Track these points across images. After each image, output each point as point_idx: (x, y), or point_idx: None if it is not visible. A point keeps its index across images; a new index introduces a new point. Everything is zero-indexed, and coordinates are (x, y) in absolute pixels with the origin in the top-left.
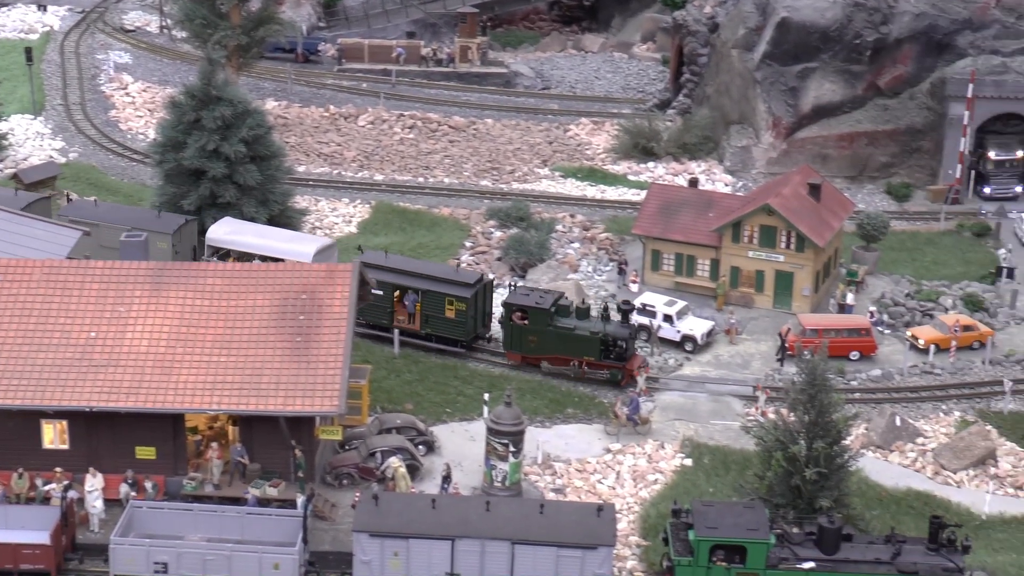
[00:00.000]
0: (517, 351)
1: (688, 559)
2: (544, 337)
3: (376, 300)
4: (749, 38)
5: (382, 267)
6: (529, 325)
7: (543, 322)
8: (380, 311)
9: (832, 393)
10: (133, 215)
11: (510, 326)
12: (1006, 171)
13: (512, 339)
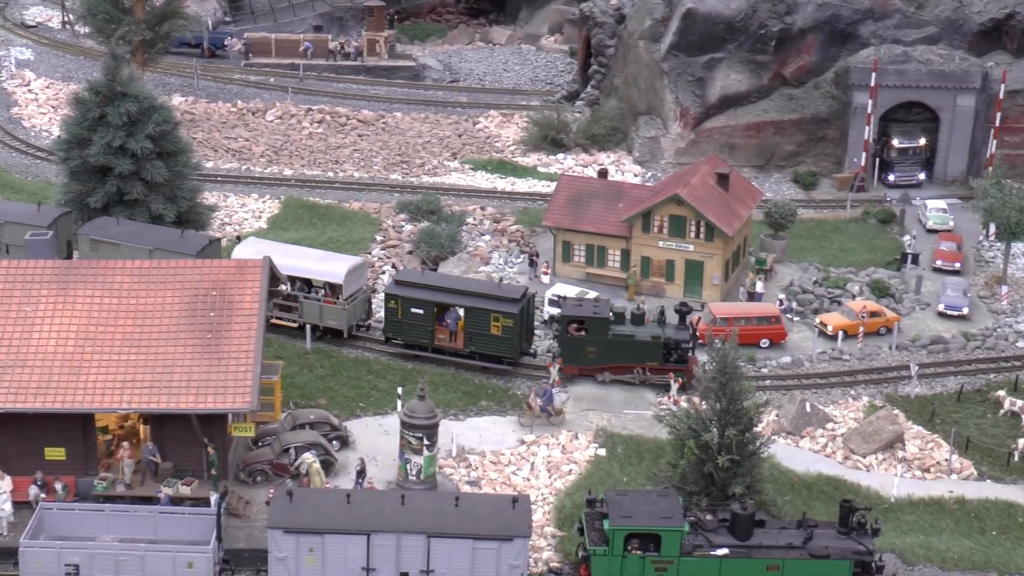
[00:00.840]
0: (574, 363)
1: (603, 548)
2: (604, 347)
3: (415, 319)
4: (656, 29)
5: (420, 285)
6: (587, 336)
7: (602, 331)
8: (420, 331)
9: (743, 381)
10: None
11: (567, 339)
12: (909, 158)
13: (569, 351)
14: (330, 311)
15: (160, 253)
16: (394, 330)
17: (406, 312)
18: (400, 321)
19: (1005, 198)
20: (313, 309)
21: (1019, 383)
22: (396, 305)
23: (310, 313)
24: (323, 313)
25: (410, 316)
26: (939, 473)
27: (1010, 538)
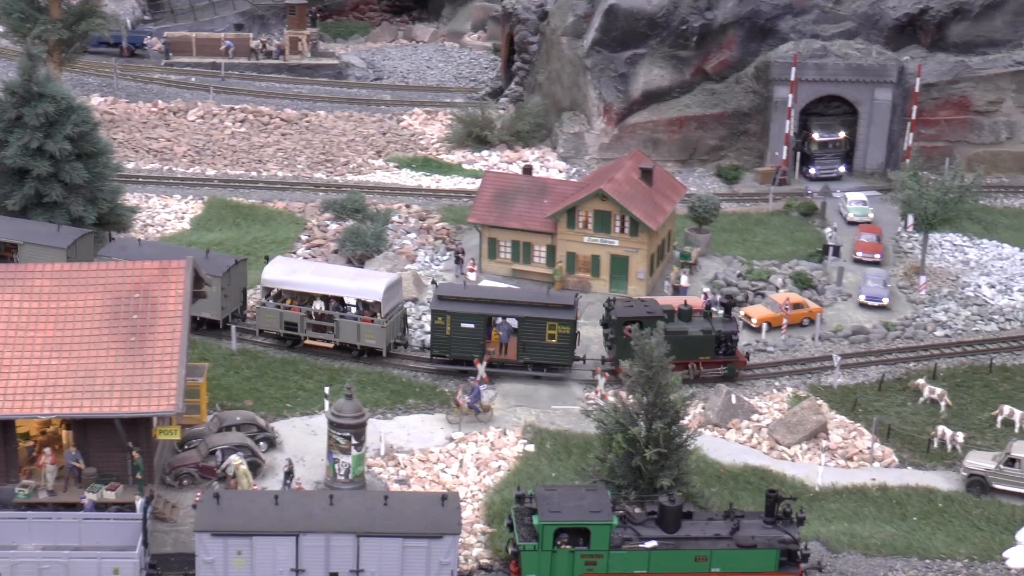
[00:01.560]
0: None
1: (533, 544)
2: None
3: (465, 334)
4: (578, 25)
5: (466, 299)
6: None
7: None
8: (471, 345)
9: (669, 374)
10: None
11: (623, 340)
12: (830, 152)
13: (625, 352)
14: (368, 329)
15: None
16: (442, 347)
17: (455, 328)
18: (448, 338)
19: (922, 189)
20: (350, 328)
21: (938, 371)
22: (444, 321)
23: (347, 332)
24: (361, 332)
25: (460, 331)
26: (862, 461)
27: (930, 523)
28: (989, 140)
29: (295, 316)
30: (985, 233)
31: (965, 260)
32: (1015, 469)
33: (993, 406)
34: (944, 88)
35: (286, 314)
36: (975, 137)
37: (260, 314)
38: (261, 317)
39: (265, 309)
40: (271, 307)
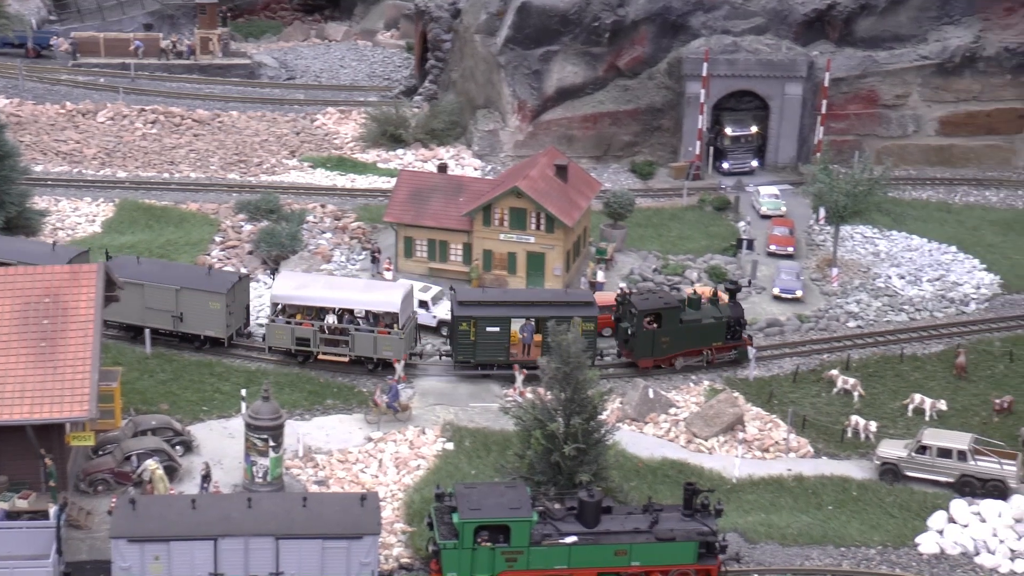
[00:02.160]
0: (649, 356)
1: (453, 542)
2: (676, 335)
3: (491, 338)
4: (491, 23)
5: (487, 303)
6: (661, 327)
7: (675, 320)
8: (496, 348)
9: (586, 370)
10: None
11: (644, 332)
12: (742, 146)
13: (645, 346)
14: (385, 341)
15: (188, 293)
16: (467, 353)
17: (480, 332)
18: (473, 343)
19: (833, 183)
20: (366, 341)
21: (851, 362)
22: (469, 327)
23: (363, 345)
24: (378, 344)
25: (485, 336)
26: (778, 452)
27: (845, 512)
28: (897, 133)
29: (308, 331)
30: (894, 225)
31: (875, 252)
32: (926, 456)
33: (904, 395)
34: (852, 82)
35: (298, 330)
36: (883, 130)
37: (270, 331)
38: (271, 334)
39: (275, 325)
40: (281, 323)
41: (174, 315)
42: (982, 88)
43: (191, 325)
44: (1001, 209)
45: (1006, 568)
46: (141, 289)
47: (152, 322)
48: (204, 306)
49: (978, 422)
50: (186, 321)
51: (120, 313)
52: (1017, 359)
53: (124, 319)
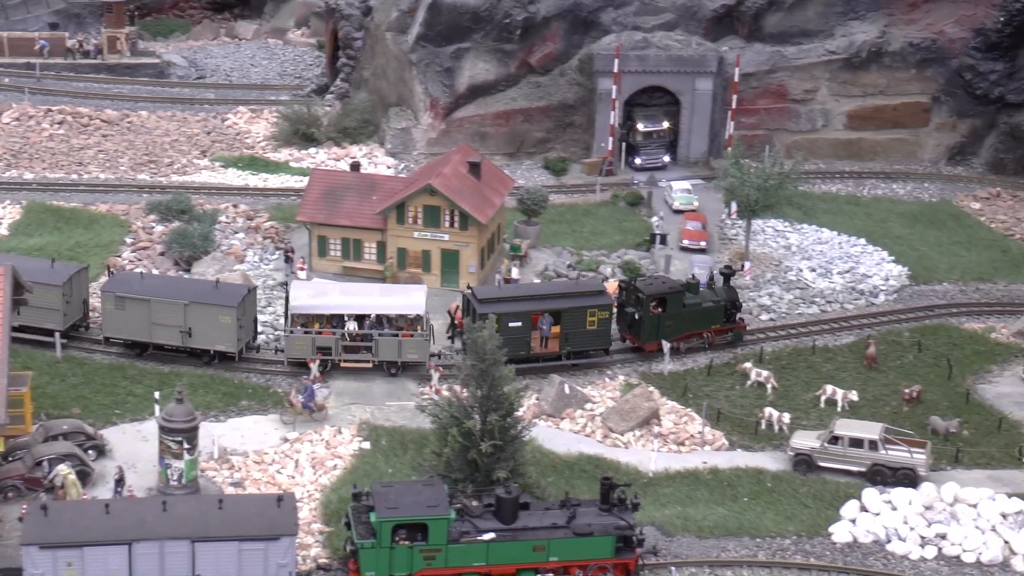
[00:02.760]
0: (655, 339)
1: (371, 541)
2: (679, 318)
3: (513, 333)
4: (402, 20)
5: (506, 298)
6: (665, 311)
7: (678, 304)
8: (519, 343)
9: (502, 367)
10: (190, 287)
11: (650, 318)
12: (654, 142)
13: (652, 330)
14: (409, 344)
15: (197, 308)
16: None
17: (504, 328)
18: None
19: (744, 177)
20: (391, 345)
21: (764, 355)
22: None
23: (387, 350)
24: (402, 348)
25: (508, 331)
26: (693, 446)
27: (760, 503)
28: (806, 127)
29: (329, 340)
30: (805, 218)
31: (787, 245)
32: (838, 447)
33: (817, 387)
34: (762, 77)
35: (319, 339)
36: (793, 125)
37: (289, 342)
38: (291, 345)
39: (295, 336)
40: (300, 334)
41: (182, 330)
42: (888, 82)
43: (200, 340)
44: (908, 201)
45: (916, 555)
46: (147, 305)
47: (159, 338)
48: (214, 320)
49: (888, 412)
50: (195, 336)
51: (125, 330)
52: (925, 349)
53: (130, 336)
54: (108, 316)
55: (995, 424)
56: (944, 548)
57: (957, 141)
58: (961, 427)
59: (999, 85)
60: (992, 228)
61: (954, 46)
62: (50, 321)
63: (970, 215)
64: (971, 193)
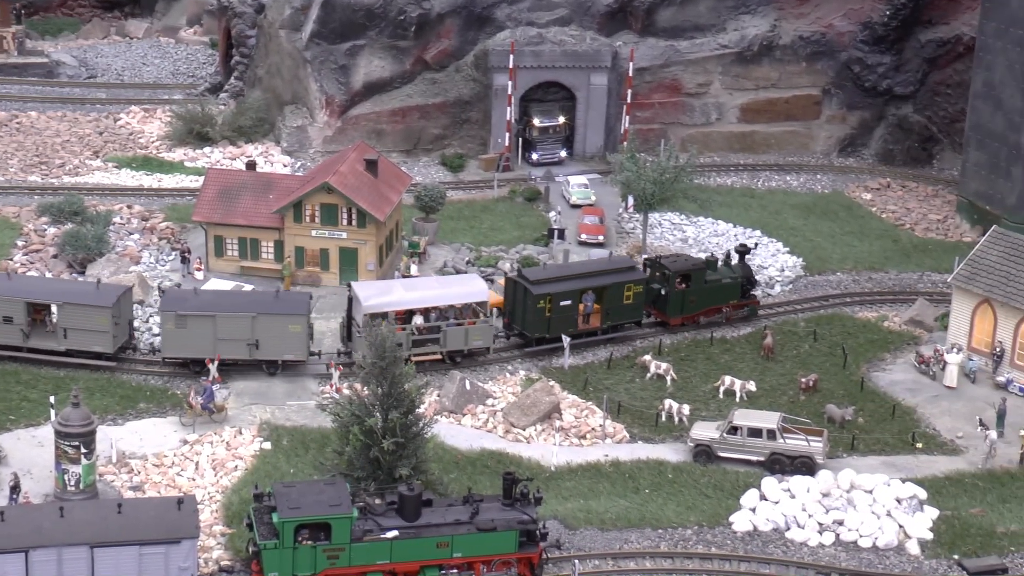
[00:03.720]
0: (679, 314)
1: (274, 542)
2: (701, 294)
3: (563, 312)
4: (296, 18)
5: (555, 279)
6: (689, 287)
7: (701, 280)
8: (567, 321)
9: (402, 364)
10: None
11: (676, 293)
12: (550, 137)
13: (677, 304)
14: (475, 331)
15: (265, 318)
16: (542, 328)
17: (555, 307)
18: (548, 317)
19: (640, 171)
20: (458, 335)
21: (663, 347)
22: (545, 303)
23: (454, 339)
24: (468, 335)
25: (559, 310)
26: (594, 439)
27: (661, 494)
28: (700, 121)
29: (400, 336)
30: (701, 211)
31: (683, 238)
32: (737, 437)
33: (715, 378)
34: (656, 72)
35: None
36: (687, 118)
37: (359, 342)
38: (361, 345)
39: (364, 336)
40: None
41: (249, 343)
42: (780, 75)
43: (268, 351)
44: (801, 193)
45: (815, 542)
46: (212, 320)
47: (225, 353)
48: (283, 330)
49: (786, 401)
50: (262, 348)
51: (188, 348)
52: (821, 338)
53: (193, 354)
54: (168, 336)
55: (889, 411)
56: (841, 534)
57: (848, 133)
58: (856, 414)
59: (887, 78)
60: (883, 218)
61: (843, 39)
62: (99, 344)
63: (862, 205)
64: (862, 184)
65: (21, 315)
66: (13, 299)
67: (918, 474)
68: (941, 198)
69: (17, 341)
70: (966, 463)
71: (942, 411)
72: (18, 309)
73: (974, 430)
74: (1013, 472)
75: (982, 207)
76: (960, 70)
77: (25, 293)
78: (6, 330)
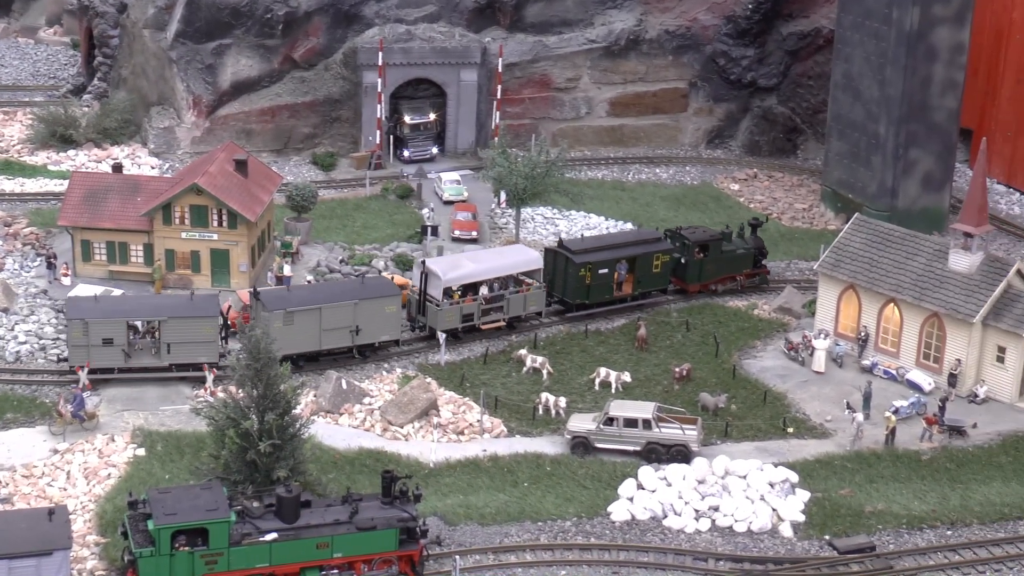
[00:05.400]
0: (697, 281)
1: (150, 549)
2: (717, 263)
3: (601, 280)
4: (160, 17)
5: (592, 249)
6: (706, 256)
7: (718, 250)
8: (604, 288)
9: (277, 365)
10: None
11: (694, 262)
12: (421, 134)
13: (696, 272)
14: (532, 297)
15: (365, 304)
16: (582, 295)
17: (595, 275)
18: (588, 285)
19: (512, 166)
20: (518, 301)
21: (538, 341)
22: (586, 272)
23: (515, 306)
24: (526, 302)
25: (597, 277)
26: (472, 434)
27: (540, 487)
28: (571, 116)
29: (472, 307)
30: (572, 205)
31: (556, 232)
32: (614, 427)
33: (591, 370)
34: (526, 67)
35: (464, 308)
36: (558, 113)
37: (437, 315)
38: (440, 318)
39: (446, 309)
40: (447, 306)
41: (351, 330)
42: (647, 69)
43: (367, 335)
44: (671, 185)
45: (691, 528)
46: (318, 313)
47: (329, 343)
48: (380, 313)
49: (660, 391)
50: (363, 333)
51: (296, 344)
52: (693, 328)
53: (302, 349)
54: (279, 336)
55: (760, 397)
56: (717, 520)
57: (715, 125)
58: (729, 402)
59: (751, 70)
60: (751, 208)
61: (707, 33)
62: (204, 354)
63: (730, 196)
64: (730, 175)
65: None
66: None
67: (790, 458)
68: (806, 187)
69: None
70: (835, 446)
71: (811, 396)
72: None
73: (842, 413)
74: (879, 453)
75: (845, 195)
76: (821, 62)
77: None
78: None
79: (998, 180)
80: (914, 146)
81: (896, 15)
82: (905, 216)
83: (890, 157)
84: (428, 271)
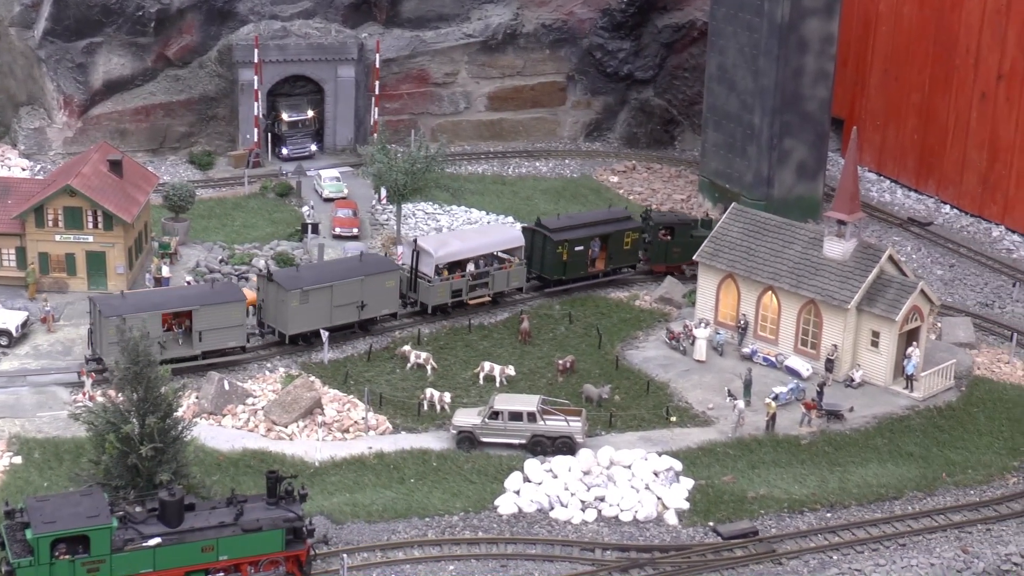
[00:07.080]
0: (662, 263)
1: (28, 559)
2: (685, 247)
3: (577, 257)
4: (26, 15)
5: (567, 227)
6: (673, 239)
7: (686, 234)
8: (580, 265)
9: (157, 368)
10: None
11: (658, 243)
12: (300, 131)
13: (659, 253)
14: (514, 274)
15: (370, 279)
16: (559, 271)
17: (571, 252)
18: (564, 262)
19: (391, 162)
20: (501, 277)
21: (421, 336)
22: (563, 249)
23: (499, 282)
24: (509, 278)
25: (573, 254)
26: (358, 432)
27: (427, 483)
28: (449, 110)
29: (460, 283)
30: (453, 200)
31: (438, 227)
32: (499, 421)
33: (475, 364)
34: (403, 63)
35: (454, 284)
36: (436, 108)
37: (429, 291)
38: (431, 294)
39: (436, 285)
40: (438, 282)
41: (357, 305)
42: (525, 63)
43: (371, 309)
44: (551, 178)
45: (578, 519)
46: (330, 291)
47: (338, 319)
48: (381, 287)
49: (544, 384)
50: (367, 307)
51: (308, 322)
52: (576, 320)
53: (312, 326)
54: (294, 314)
55: (644, 387)
56: (603, 510)
57: (593, 118)
58: (613, 393)
59: (627, 63)
60: (630, 199)
61: (584, 26)
62: (234, 339)
63: (610, 188)
64: (609, 167)
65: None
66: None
67: (673, 447)
68: (684, 178)
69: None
70: (717, 433)
71: (693, 384)
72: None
73: (723, 401)
74: (760, 439)
75: (722, 185)
76: (696, 54)
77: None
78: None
79: (869, 168)
80: (788, 136)
81: (768, 7)
82: (781, 205)
83: (765, 147)
84: (420, 249)
